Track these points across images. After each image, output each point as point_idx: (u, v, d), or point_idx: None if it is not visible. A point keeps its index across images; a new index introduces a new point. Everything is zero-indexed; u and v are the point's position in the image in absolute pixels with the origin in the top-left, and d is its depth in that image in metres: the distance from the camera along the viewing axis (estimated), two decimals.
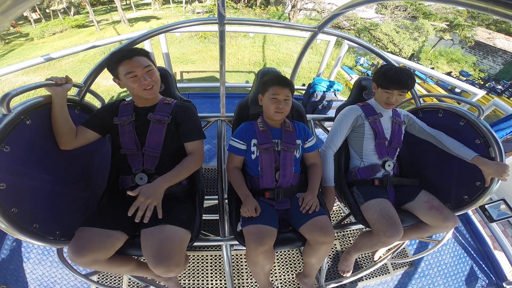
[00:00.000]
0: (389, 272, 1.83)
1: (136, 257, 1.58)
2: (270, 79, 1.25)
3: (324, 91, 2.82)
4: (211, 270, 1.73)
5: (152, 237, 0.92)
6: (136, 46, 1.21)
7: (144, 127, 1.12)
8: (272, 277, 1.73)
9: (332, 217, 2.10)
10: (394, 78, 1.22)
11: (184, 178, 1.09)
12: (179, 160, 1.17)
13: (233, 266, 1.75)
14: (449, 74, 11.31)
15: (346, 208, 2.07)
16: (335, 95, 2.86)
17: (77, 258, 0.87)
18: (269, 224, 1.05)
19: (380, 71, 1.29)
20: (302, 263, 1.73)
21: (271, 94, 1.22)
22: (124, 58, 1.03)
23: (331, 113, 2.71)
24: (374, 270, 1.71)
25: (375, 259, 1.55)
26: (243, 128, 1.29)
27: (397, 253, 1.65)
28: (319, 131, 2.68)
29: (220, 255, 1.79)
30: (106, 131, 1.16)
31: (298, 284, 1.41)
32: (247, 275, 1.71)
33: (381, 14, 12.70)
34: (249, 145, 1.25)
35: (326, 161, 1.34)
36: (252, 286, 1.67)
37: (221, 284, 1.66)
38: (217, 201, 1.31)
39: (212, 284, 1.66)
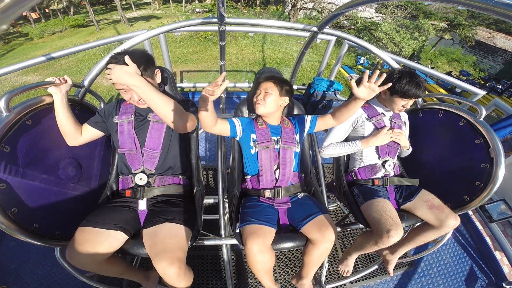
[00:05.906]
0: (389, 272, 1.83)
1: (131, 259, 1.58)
2: (259, 78, 1.33)
3: (324, 91, 2.81)
4: (211, 270, 1.73)
5: (154, 235, 0.93)
6: (136, 46, 1.21)
7: (144, 127, 1.12)
8: None
9: (332, 217, 2.10)
10: (414, 89, 1.22)
11: (159, 103, 0.95)
12: (179, 161, 1.17)
13: (233, 266, 1.75)
14: (449, 73, 11.29)
15: (346, 208, 2.07)
16: (335, 94, 2.84)
17: (76, 258, 0.87)
18: (266, 224, 1.05)
19: (396, 79, 1.24)
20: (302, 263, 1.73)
21: (256, 90, 1.30)
22: None
23: None
24: (374, 270, 1.71)
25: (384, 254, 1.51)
26: (246, 119, 1.31)
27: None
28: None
29: (220, 255, 1.79)
30: (109, 130, 1.17)
31: None
32: (247, 275, 1.71)
33: (381, 13, 12.68)
34: (248, 138, 1.25)
35: (333, 148, 1.35)
36: (252, 286, 1.67)
37: (221, 284, 1.66)
38: (217, 201, 1.31)
39: (212, 284, 1.66)
